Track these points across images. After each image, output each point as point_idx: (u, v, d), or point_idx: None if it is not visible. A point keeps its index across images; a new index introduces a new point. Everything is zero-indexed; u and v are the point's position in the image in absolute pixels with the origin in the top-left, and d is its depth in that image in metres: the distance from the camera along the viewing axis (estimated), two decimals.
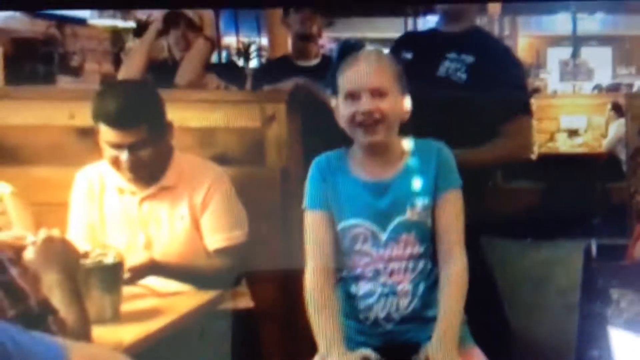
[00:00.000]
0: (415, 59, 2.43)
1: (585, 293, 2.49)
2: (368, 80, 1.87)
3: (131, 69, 2.65)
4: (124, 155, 2.09)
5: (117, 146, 2.09)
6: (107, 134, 2.08)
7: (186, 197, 2.20)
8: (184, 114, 2.37)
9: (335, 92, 1.92)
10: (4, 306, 1.46)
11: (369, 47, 1.95)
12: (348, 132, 1.90)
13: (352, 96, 1.86)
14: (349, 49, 1.90)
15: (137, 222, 2.20)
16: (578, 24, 4.84)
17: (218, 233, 2.22)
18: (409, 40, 2.64)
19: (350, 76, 1.87)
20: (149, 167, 2.15)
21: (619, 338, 2.25)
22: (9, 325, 1.05)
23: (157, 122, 2.15)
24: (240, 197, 2.28)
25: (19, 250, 1.67)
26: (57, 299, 1.63)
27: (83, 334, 1.67)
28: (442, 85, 2.40)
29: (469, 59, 2.41)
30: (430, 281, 1.94)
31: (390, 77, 1.89)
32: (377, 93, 1.86)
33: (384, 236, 1.91)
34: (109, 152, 2.11)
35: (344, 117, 1.88)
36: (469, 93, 2.38)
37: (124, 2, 1.91)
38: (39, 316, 1.54)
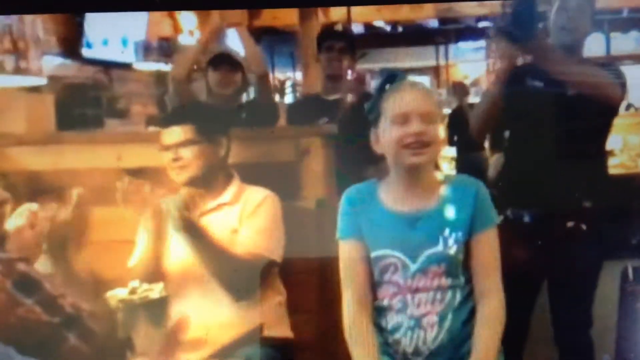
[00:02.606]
0: (547, 86, 2.50)
1: (622, 316, 2.49)
2: (418, 104, 1.91)
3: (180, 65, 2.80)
4: (170, 154, 2.28)
5: (168, 147, 2.29)
6: (162, 136, 2.31)
7: (239, 211, 2.33)
8: None
9: (376, 119, 1.95)
10: (45, 318, 1.69)
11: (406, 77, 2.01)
12: (391, 157, 1.93)
13: (402, 119, 1.89)
14: (394, 78, 1.96)
15: None
16: (612, 43, 4.83)
17: (251, 240, 2.30)
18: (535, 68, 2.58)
19: (401, 100, 1.91)
20: (194, 170, 2.30)
21: None
22: None
23: (204, 128, 2.33)
24: None
25: None
26: None
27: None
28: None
29: None
30: (461, 315, 1.93)
31: (436, 106, 1.95)
32: (426, 118, 1.90)
33: (413, 267, 1.92)
34: (165, 157, 2.30)
35: (392, 140, 1.90)
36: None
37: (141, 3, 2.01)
38: (75, 316, 1.77)
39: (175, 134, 2.30)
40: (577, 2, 2.48)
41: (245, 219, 2.32)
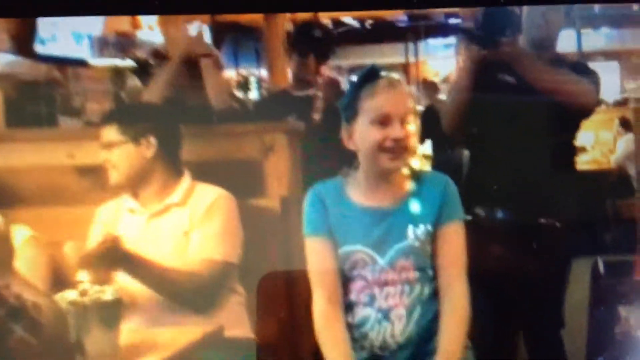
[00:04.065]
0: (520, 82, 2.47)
1: (593, 311, 2.47)
2: (400, 105, 1.91)
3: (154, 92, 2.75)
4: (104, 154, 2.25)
5: (102, 147, 2.25)
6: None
7: (189, 213, 2.26)
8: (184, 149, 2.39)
9: (351, 117, 1.94)
10: None
11: (386, 74, 1.97)
12: (366, 157, 1.92)
13: (383, 121, 1.89)
14: (372, 74, 1.94)
15: (144, 240, 2.25)
16: (583, 39, 4.82)
17: (205, 245, 2.24)
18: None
19: (382, 100, 1.90)
20: (122, 173, 2.25)
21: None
22: None
23: (129, 127, 2.26)
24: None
25: None
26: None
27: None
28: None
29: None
30: (430, 309, 1.94)
31: (414, 106, 1.97)
32: (406, 120, 1.90)
33: (382, 261, 1.92)
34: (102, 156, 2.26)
35: (370, 141, 1.89)
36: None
37: (118, 8, 1.98)
38: (20, 308, 1.74)
39: (105, 134, 2.27)
40: None
41: (197, 222, 2.26)
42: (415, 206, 1.94)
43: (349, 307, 1.94)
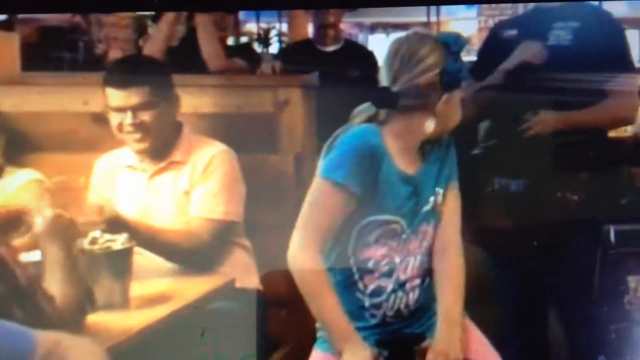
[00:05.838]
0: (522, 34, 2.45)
1: (602, 280, 2.46)
2: None
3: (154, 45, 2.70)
4: (127, 119, 2.15)
5: (121, 109, 2.16)
6: (112, 97, 2.17)
7: (188, 171, 2.23)
8: (196, 100, 2.37)
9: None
10: None
11: None
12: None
13: None
14: None
15: (144, 199, 2.23)
16: (604, 6, 4.73)
17: (204, 205, 2.22)
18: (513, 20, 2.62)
19: None
20: (154, 135, 2.19)
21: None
22: None
23: (160, 86, 2.20)
24: (252, 185, 2.29)
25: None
26: (56, 276, 1.69)
27: (73, 312, 1.74)
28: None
29: (575, 24, 2.45)
30: None
31: None
32: None
33: (408, 230, 1.89)
34: (114, 119, 2.18)
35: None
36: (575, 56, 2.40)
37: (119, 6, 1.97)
38: (28, 292, 1.63)
39: (131, 96, 2.17)
40: None
41: (196, 180, 2.23)
42: (434, 169, 1.92)
43: (362, 272, 1.88)
